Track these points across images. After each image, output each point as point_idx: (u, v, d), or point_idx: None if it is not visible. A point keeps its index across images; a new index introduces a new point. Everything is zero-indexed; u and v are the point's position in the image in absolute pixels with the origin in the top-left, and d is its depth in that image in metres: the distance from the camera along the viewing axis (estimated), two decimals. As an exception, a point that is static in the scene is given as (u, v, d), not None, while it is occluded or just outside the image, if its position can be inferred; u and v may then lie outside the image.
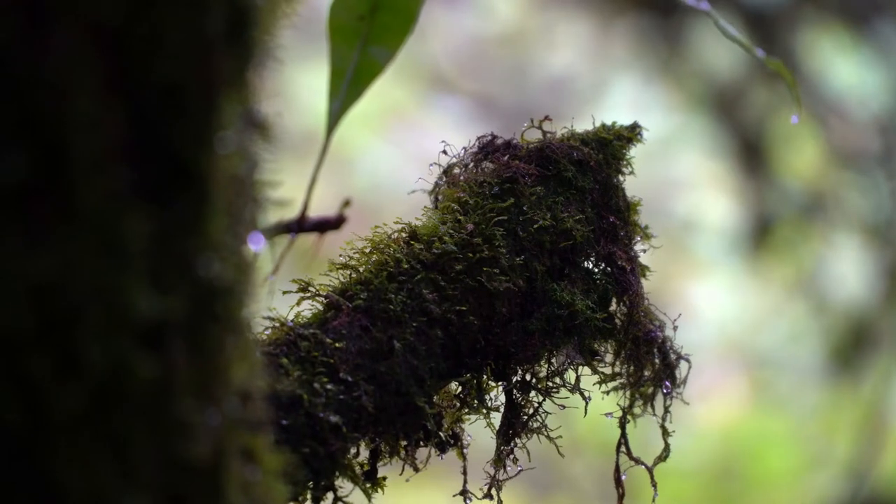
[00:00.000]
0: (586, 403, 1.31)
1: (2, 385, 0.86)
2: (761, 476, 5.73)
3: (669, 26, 4.31)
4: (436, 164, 1.36)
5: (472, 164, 1.34)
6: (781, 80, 4.25)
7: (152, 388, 0.90)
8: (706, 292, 5.18)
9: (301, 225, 1.37)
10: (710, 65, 4.35)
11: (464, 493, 1.28)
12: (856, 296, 4.44)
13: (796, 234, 4.32)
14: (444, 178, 1.35)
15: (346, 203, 1.39)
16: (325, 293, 1.24)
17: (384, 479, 1.25)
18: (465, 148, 1.36)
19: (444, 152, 1.36)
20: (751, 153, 4.27)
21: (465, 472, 1.28)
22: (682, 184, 4.85)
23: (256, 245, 0.97)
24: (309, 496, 1.18)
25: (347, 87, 1.34)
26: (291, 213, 1.40)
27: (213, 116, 0.92)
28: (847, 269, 4.45)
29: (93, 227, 0.88)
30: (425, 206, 1.33)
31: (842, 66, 4.26)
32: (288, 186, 1.04)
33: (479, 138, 1.36)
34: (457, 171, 1.35)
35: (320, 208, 1.42)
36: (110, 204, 0.88)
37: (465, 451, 1.28)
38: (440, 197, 1.34)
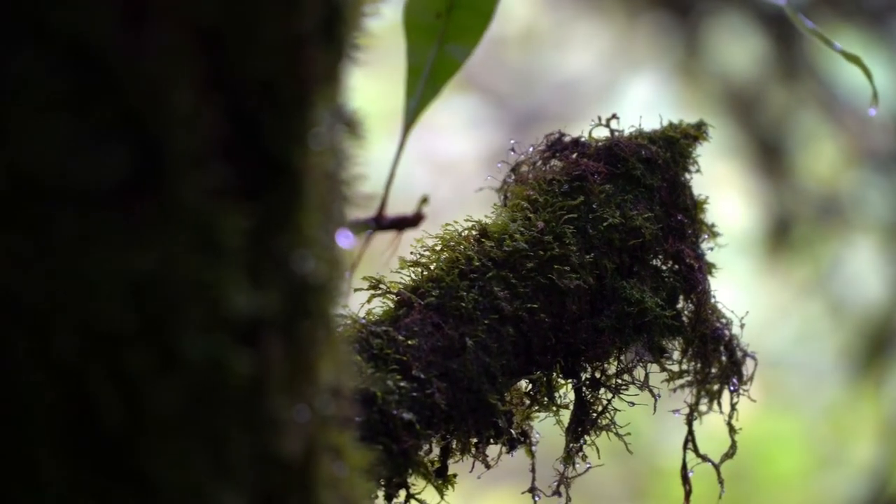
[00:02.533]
0: (655, 401, 1.32)
1: (102, 382, 0.87)
2: (772, 477, 5.73)
3: (686, 26, 4.31)
4: (504, 162, 1.36)
5: (539, 162, 1.35)
6: (799, 82, 4.24)
7: (248, 384, 0.90)
8: (720, 292, 5.17)
9: (379, 222, 1.38)
10: (727, 65, 4.35)
11: (532, 490, 1.29)
12: (874, 296, 4.45)
13: (813, 234, 4.32)
14: (513, 176, 1.36)
15: (424, 200, 1.39)
16: (396, 290, 1.24)
17: (454, 476, 1.25)
18: (532, 146, 1.37)
19: (512, 150, 1.37)
20: (768, 154, 4.28)
21: (533, 470, 1.29)
22: (698, 184, 4.84)
23: (345, 242, 0.97)
24: (381, 493, 1.18)
25: (424, 84, 1.34)
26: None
27: (307, 113, 0.92)
28: (865, 269, 4.46)
29: (190, 223, 0.88)
30: (495, 204, 1.34)
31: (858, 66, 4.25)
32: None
33: (546, 136, 1.36)
34: (524, 168, 1.35)
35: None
36: (208, 200, 0.89)
37: (533, 448, 1.28)
38: (509, 195, 1.35)
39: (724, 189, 4.63)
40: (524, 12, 5.51)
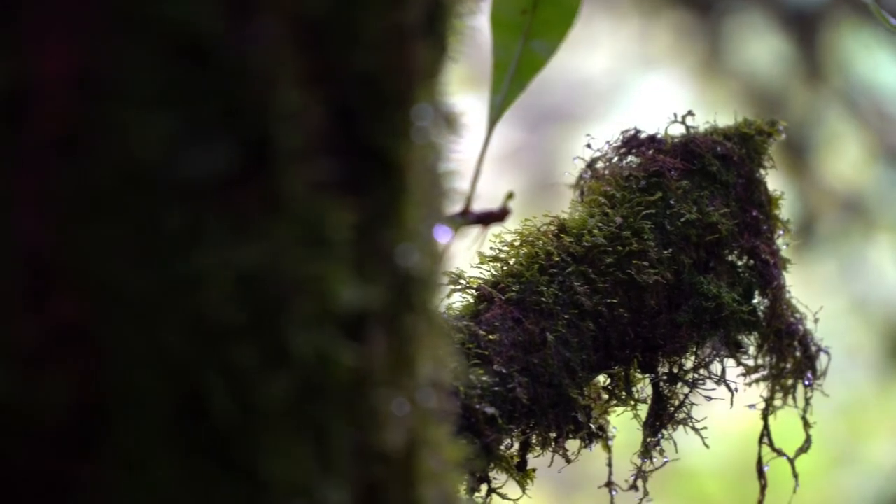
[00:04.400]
0: (732, 395, 1.33)
1: (212, 376, 0.87)
2: (786, 475, 5.73)
3: (707, 26, 4.31)
4: (579, 157, 1.36)
5: (615, 159, 1.35)
6: (822, 80, 4.24)
7: (353, 378, 0.91)
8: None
9: (466, 217, 1.38)
10: (749, 64, 4.35)
11: (609, 484, 1.29)
12: (896, 294, 4.45)
13: (836, 232, 4.33)
14: (589, 172, 1.36)
15: (510, 195, 1.40)
16: (476, 285, 1.25)
17: (534, 470, 1.26)
18: (608, 142, 1.38)
19: (588, 146, 1.37)
20: (791, 152, 4.28)
21: (609, 464, 1.29)
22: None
23: (443, 237, 0.98)
24: (463, 487, 1.18)
25: (510, 80, 1.35)
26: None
27: (410, 108, 0.92)
28: (888, 267, 4.46)
29: (297, 217, 0.88)
30: (572, 199, 1.34)
31: (882, 65, 4.27)
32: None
33: (622, 132, 1.37)
34: (600, 165, 1.36)
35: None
36: (313, 194, 0.89)
37: (610, 443, 1.29)
38: (585, 190, 1.35)
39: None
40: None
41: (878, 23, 4.34)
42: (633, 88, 5.14)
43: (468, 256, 1.28)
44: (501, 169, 5.71)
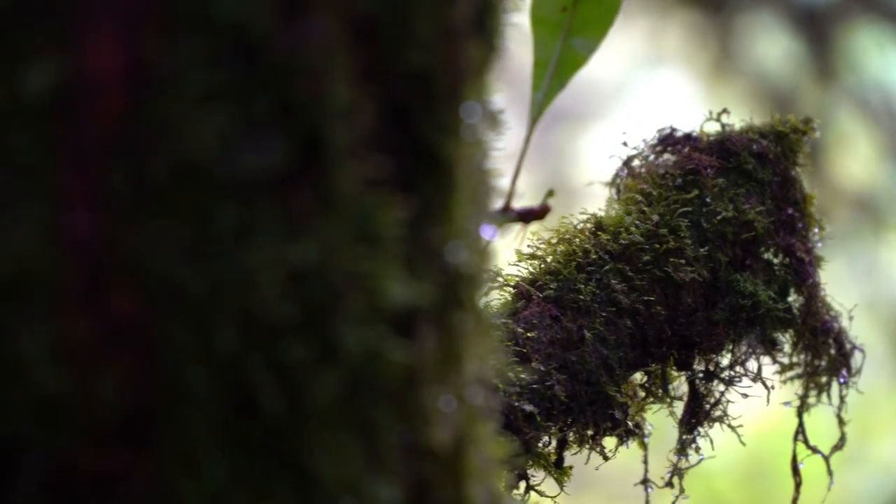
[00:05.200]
0: (768, 392, 1.33)
1: (262, 373, 0.87)
2: (794, 475, 5.71)
3: (718, 25, 4.31)
4: (615, 156, 1.37)
5: (652, 157, 1.36)
6: (832, 80, 4.24)
7: (403, 374, 0.91)
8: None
9: (507, 214, 1.38)
10: (759, 64, 4.36)
11: (644, 482, 1.29)
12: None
13: (848, 231, 4.33)
14: (625, 170, 1.37)
15: (550, 193, 1.40)
16: (514, 283, 1.25)
17: (570, 467, 1.26)
18: (644, 140, 1.38)
19: (624, 144, 1.38)
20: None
21: (645, 462, 1.29)
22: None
23: (488, 235, 0.98)
24: (502, 485, 1.19)
25: (550, 78, 1.35)
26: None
27: (459, 105, 0.93)
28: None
29: (348, 214, 0.89)
30: (609, 197, 1.35)
31: (893, 64, 4.27)
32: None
33: (658, 130, 1.37)
34: (636, 162, 1.36)
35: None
36: (365, 191, 0.89)
37: (646, 440, 1.29)
38: (621, 188, 1.36)
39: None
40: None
41: (885, 24, 4.32)
42: (643, 87, 5.14)
43: (507, 253, 1.29)
44: (509, 167, 5.70)
